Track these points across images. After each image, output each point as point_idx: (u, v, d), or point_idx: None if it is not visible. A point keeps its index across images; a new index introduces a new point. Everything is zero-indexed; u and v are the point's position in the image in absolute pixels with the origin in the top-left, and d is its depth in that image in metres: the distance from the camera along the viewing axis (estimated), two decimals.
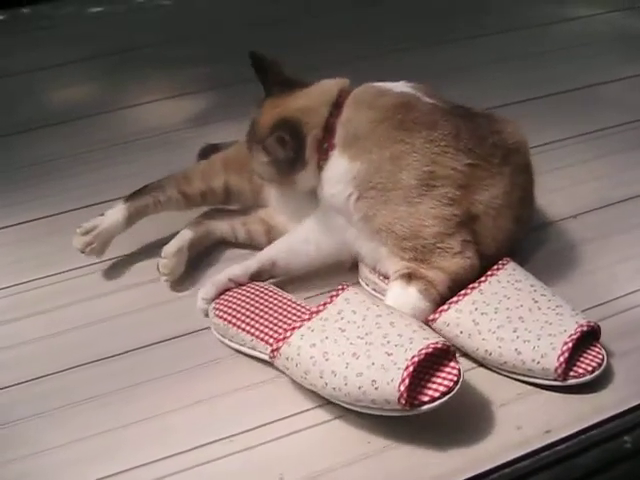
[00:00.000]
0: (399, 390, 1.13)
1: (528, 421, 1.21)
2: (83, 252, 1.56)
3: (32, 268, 1.62)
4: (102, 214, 1.59)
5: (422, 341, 1.18)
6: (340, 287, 1.32)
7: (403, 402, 1.13)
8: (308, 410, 1.27)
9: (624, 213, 1.70)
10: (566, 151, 1.92)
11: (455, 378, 1.16)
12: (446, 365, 1.18)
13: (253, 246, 1.62)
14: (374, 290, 1.48)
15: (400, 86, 1.47)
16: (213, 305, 1.42)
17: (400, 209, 1.37)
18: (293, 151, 1.42)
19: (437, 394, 1.15)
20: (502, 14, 2.70)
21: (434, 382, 1.16)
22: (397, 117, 1.39)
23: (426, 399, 1.15)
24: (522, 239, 1.52)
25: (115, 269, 1.61)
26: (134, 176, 1.82)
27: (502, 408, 1.23)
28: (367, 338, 1.21)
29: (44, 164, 1.98)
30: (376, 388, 1.15)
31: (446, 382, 1.16)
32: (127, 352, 1.41)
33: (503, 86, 2.21)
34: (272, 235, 1.60)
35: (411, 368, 1.14)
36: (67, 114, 2.20)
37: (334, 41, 2.49)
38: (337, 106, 1.44)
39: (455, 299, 1.34)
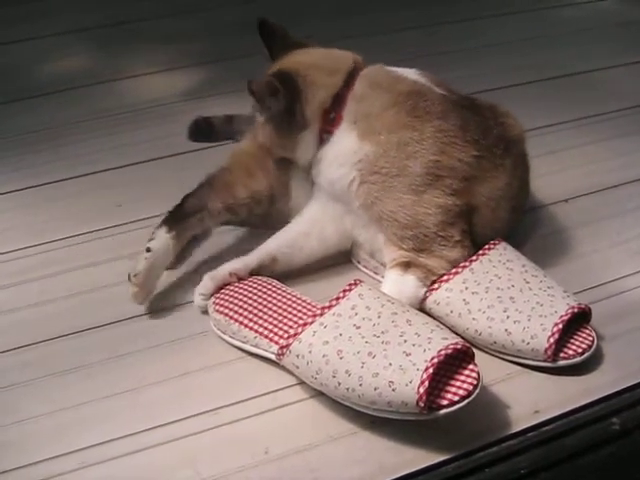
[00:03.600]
0: (418, 392, 1.09)
1: (517, 401, 1.21)
2: (143, 303, 1.42)
3: (23, 237, 1.61)
4: (148, 249, 1.41)
5: (441, 341, 1.14)
6: (353, 282, 1.27)
7: (422, 405, 1.09)
8: (294, 385, 1.25)
9: (616, 198, 1.70)
10: (559, 136, 1.91)
11: (475, 382, 1.12)
12: (464, 367, 1.14)
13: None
14: (365, 267, 1.47)
15: (412, 73, 1.45)
16: (212, 300, 1.37)
17: (405, 197, 1.34)
18: (285, 100, 1.37)
19: (456, 398, 1.10)
20: None
21: (453, 385, 1.12)
22: (409, 103, 1.37)
23: (445, 403, 1.10)
24: (515, 225, 1.52)
25: (103, 241, 1.60)
26: (126, 146, 1.86)
27: (491, 388, 1.22)
28: (383, 337, 1.16)
29: (35, 133, 1.97)
30: (393, 390, 1.10)
31: (465, 385, 1.11)
32: (112, 323, 1.40)
33: (498, 69, 2.20)
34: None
35: (431, 370, 1.10)
36: (60, 84, 2.18)
37: (331, 18, 2.48)
38: (351, 77, 1.41)
39: (445, 277, 1.33)
